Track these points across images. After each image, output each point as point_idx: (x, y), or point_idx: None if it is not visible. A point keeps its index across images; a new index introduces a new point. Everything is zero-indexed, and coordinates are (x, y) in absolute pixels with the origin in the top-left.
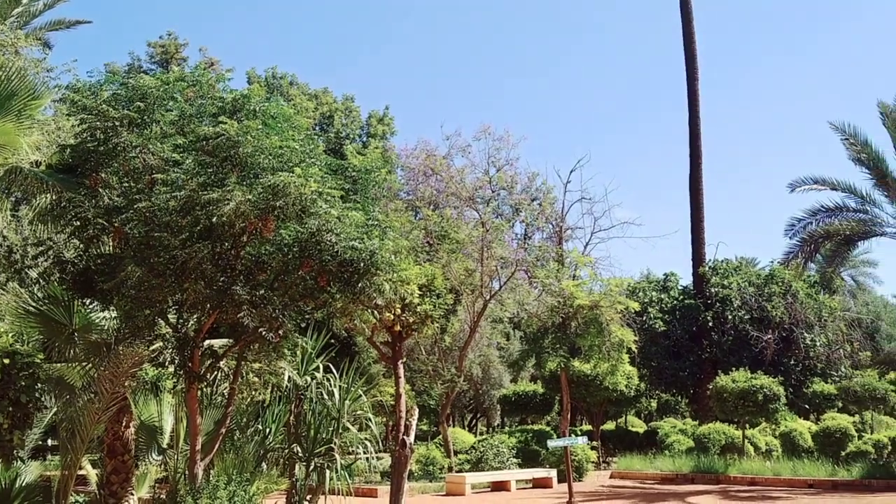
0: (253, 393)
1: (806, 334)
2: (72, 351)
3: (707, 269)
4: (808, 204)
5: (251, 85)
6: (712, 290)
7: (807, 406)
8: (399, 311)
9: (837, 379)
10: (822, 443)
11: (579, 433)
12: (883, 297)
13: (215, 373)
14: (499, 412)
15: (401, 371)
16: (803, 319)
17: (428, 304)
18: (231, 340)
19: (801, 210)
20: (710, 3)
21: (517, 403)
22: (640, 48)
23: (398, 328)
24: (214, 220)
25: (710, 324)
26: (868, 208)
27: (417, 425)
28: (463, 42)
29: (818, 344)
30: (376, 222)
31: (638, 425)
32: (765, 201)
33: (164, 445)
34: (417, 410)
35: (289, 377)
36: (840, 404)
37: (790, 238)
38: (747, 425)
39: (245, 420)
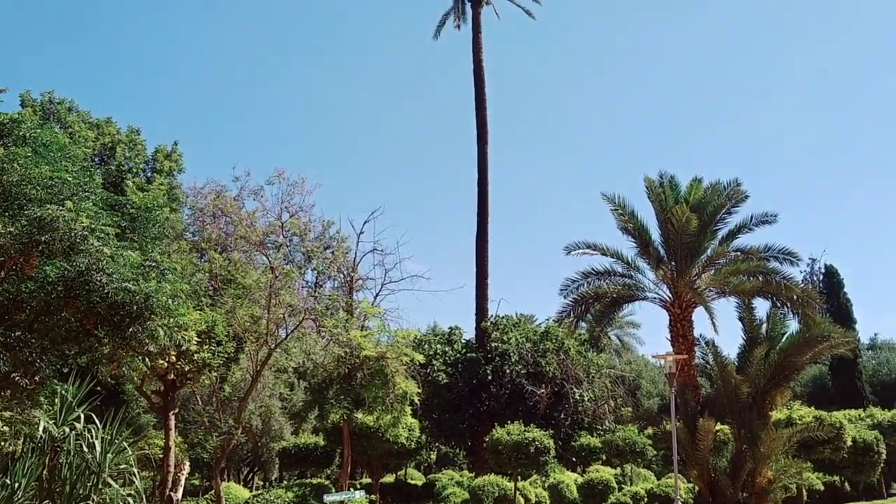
0: (1, 444)
1: (575, 389)
2: None
3: (489, 324)
4: (582, 266)
5: (24, 109)
6: (493, 344)
7: (574, 459)
8: (174, 358)
9: (602, 433)
10: (586, 494)
11: (359, 486)
12: (644, 356)
13: None
14: (277, 465)
15: (172, 422)
16: (573, 375)
17: (206, 351)
18: None
19: (575, 272)
20: (503, 69)
21: (297, 456)
22: (437, 108)
23: (172, 376)
24: None
25: (490, 377)
26: (633, 274)
27: (188, 480)
28: (263, 87)
29: (586, 399)
30: (154, 263)
31: (417, 478)
32: (545, 261)
33: None
34: (189, 464)
35: (44, 427)
36: (604, 457)
37: (564, 298)
38: (519, 477)
39: None
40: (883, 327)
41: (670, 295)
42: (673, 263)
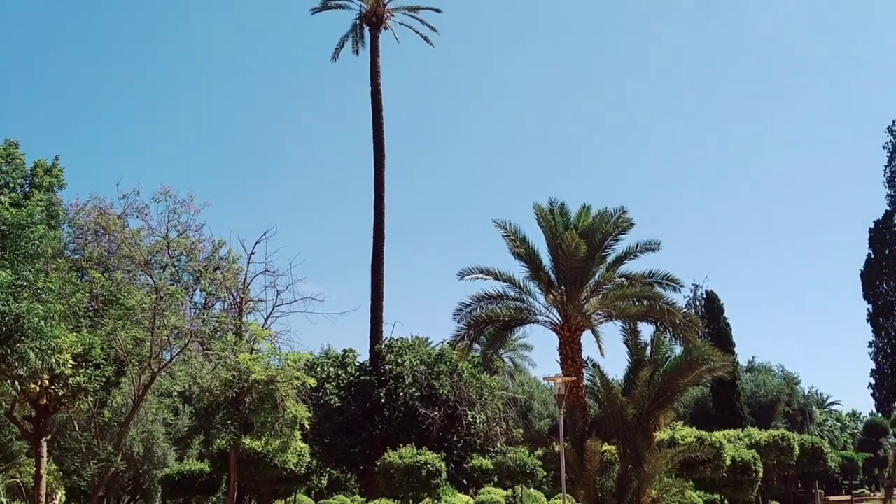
0: None
1: (469, 411)
2: None
3: (384, 346)
4: (475, 291)
5: None
6: (387, 367)
7: (466, 481)
8: (47, 382)
9: (494, 454)
10: None
11: None
12: (536, 378)
13: None
14: (160, 493)
15: (44, 450)
16: (467, 397)
17: (83, 375)
18: None
19: (469, 296)
20: (402, 93)
21: (181, 483)
22: (334, 130)
23: (44, 401)
24: None
25: (383, 400)
26: (525, 298)
27: None
28: (152, 101)
29: (479, 421)
30: (27, 283)
31: (307, 503)
32: (441, 283)
33: None
34: (62, 493)
35: None
36: (496, 479)
37: (458, 322)
38: (411, 500)
39: None
40: (760, 350)
41: (560, 318)
42: (563, 288)
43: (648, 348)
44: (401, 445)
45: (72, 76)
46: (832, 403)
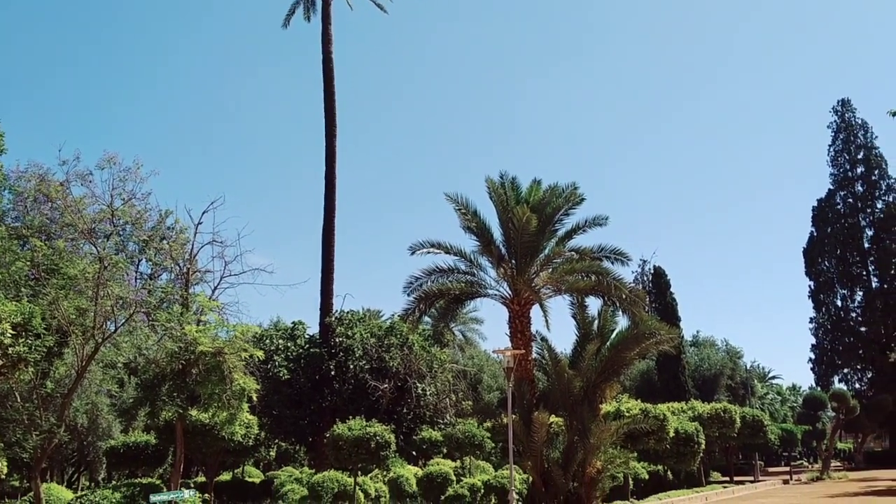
0: None
1: (418, 384)
2: None
3: (334, 319)
4: (426, 264)
5: None
6: (337, 339)
7: (415, 452)
8: None
9: (443, 426)
10: (425, 487)
11: (192, 485)
12: (486, 351)
13: None
14: (105, 465)
15: None
16: (417, 370)
17: (23, 345)
18: None
19: (420, 270)
20: (355, 63)
21: (126, 455)
22: (284, 99)
23: None
24: None
25: (333, 373)
26: (475, 271)
27: (6, 481)
28: (97, 66)
29: (428, 393)
30: None
31: (255, 475)
32: (393, 256)
33: None
34: (3, 464)
35: None
36: (445, 450)
37: (409, 295)
38: (360, 472)
39: None
40: (705, 325)
41: (510, 292)
42: (513, 262)
43: (596, 322)
44: (350, 417)
45: (10, 40)
46: (773, 377)
